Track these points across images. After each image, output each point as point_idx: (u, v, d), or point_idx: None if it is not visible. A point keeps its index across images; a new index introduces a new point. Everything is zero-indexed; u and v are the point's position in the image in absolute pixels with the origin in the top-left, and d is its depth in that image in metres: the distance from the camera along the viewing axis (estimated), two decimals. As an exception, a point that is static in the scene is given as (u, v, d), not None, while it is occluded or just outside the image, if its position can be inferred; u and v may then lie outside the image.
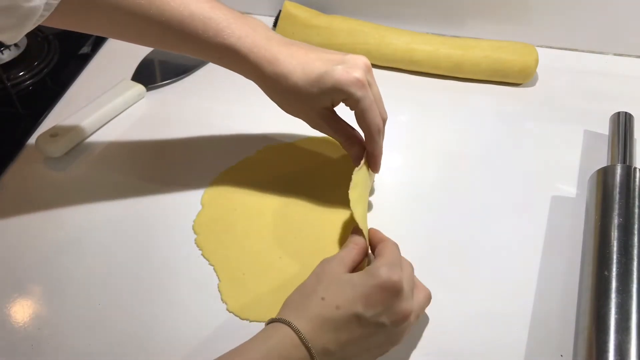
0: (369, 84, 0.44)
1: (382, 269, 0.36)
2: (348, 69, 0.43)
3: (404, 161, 0.55)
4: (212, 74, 0.66)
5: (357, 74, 0.43)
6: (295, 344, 0.35)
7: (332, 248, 0.48)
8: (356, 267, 0.40)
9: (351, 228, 0.49)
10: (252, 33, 0.45)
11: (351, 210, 0.43)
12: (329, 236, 0.49)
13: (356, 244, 0.41)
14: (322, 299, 0.36)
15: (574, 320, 0.42)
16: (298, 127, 0.59)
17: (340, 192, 0.52)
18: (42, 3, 0.39)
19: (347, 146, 0.48)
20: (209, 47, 0.44)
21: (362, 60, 0.45)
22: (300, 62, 0.44)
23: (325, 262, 0.39)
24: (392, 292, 0.36)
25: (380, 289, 0.36)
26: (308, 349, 0.34)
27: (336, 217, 0.50)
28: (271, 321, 0.37)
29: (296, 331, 0.35)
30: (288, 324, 0.35)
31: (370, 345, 0.37)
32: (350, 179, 0.54)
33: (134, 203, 0.52)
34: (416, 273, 0.46)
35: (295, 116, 0.48)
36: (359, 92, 0.43)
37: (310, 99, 0.45)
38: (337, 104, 0.46)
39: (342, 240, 0.49)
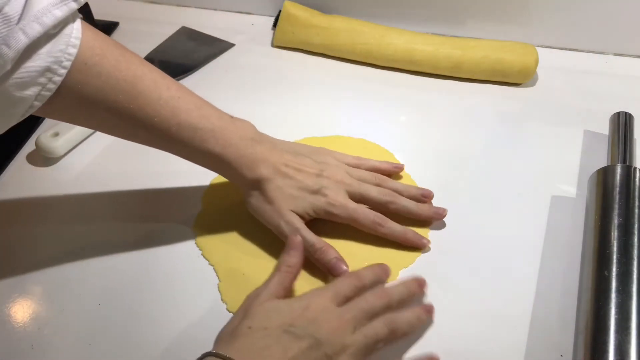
0: (354, 178, 0.48)
1: (304, 294, 0.38)
2: (328, 198, 0.46)
3: (404, 161, 0.55)
4: (212, 74, 0.66)
5: (339, 199, 0.46)
6: None
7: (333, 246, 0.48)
8: (288, 290, 0.40)
9: (353, 228, 0.49)
10: (237, 142, 0.45)
11: None
12: (327, 235, 0.49)
13: (289, 266, 0.41)
14: (249, 327, 0.36)
15: (574, 320, 0.42)
16: (298, 127, 0.59)
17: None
18: (34, 93, 0.37)
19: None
20: (195, 153, 0.45)
21: (340, 177, 0.48)
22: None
23: (252, 297, 0.39)
24: (306, 307, 0.37)
25: (298, 308, 0.37)
26: None
27: (336, 217, 0.50)
28: (203, 356, 0.35)
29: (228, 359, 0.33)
30: (218, 355, 0.34)
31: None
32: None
33: (134, 203, 0.52)
34: (417, 273, 0.46)
35: (269, 223, 0.47)
36: (342, 214, 0.46)
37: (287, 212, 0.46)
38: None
39: (341, 240, 0.49)
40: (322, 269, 0.45)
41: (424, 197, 0.50)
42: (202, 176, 0.54)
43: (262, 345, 0.34)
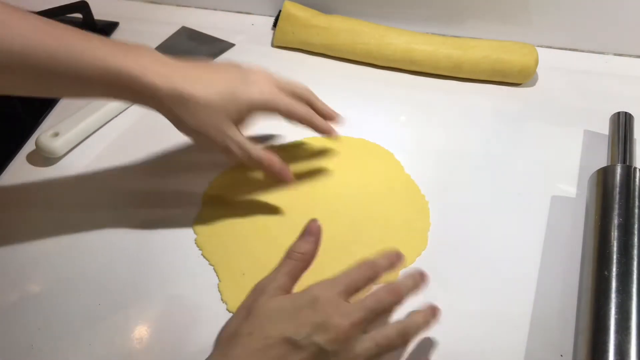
0: (280, 88, 0.47)
1: (312, 287, 0.35)
2: (258, 87, 0.45)
3: (404, 161, 0.55)
4: (212, 74, 0.66)
5: (266, 89, 0.46)
6: None
7: (332, 248, 0.48)
8: (297, 281, 0.38)
9: (354, 229, 0.49)
10: (140, 58, 0.42)
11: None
12: (328, 236, 0.49)
13: (302, 253, 0.38)
14: (250, 334, 0.33)
15: (574, 320, 0.42)
16: (298, 127, 0.59)
17: (340, 191, 0.53)
18: None
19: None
20: (92, 77, 0.40)
21: (262, 75, 0.47)
22: (203, 79, 0.43)
23: (258, 290, 0.36)
24: (313, 305, 0.34)
25: (305, 307, 0.34)
26: None
27: (336, 217, 0.50)
28: None
29: None
30: None
31: None
32: (350, 180, 0.54)
33: (134, 203, 0.52)
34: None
35: (198, 131, 0.44)
36: (280, 104, 0.46)
37: (222, 114, 0.44)
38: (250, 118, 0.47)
39: (342, 240, 0.49)
40: (270, 177, 0.47)
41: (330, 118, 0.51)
42: (202, 176, 0.54)
43: (260, 356, 0.32)
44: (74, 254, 0.48)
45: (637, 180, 0.47)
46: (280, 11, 0.69)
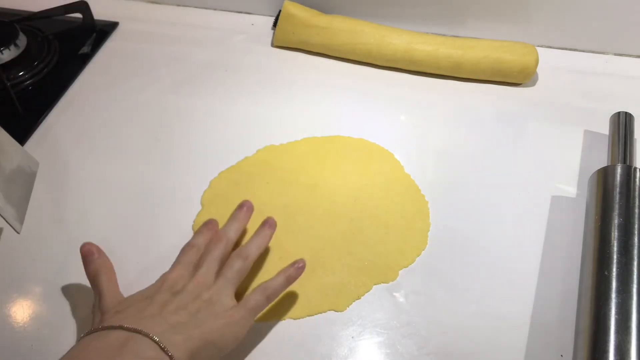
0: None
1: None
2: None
3: (404, 161, 0.55)
4: (211, 74, 0.66)
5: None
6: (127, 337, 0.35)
7: (331, 248, 0.48)
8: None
9: (354, 229, 0.49)
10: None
11: None
12: (328, 236, 0.49)
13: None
14: (117, 312, 0.38)
15: (574, 320, 0.42)
16: (298, 127, 0.59)
17: (340, 191, 0.53)
18: None
19: None
20: None
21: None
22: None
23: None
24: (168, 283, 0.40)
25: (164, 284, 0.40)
26: (137, 331, 0.35)
27: (336, 217, 0.50)
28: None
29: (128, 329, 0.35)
30: (105, 327, 0.36)
31: (198, 306, 0.38)
32: (350, 180, 0.54)
33: (134, 203, 0.52)
34: (417, 273, 0.46)
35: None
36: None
37: None
38: None
39: (342, 240, 0.49)
40: None
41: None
42: (202, 176, 0.54)
43: (148, 302, 0.38)
44: (73, 253, 0.48)
45: (637, 180, 0.47)
46: (280, 11, 0.69)
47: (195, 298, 0.39)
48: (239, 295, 0.43)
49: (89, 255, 0.42)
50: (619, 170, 0.48)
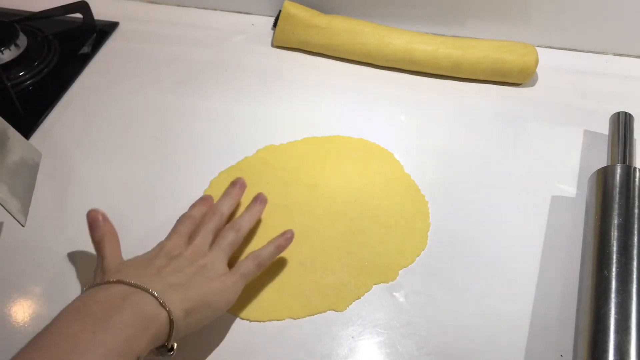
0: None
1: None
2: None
3: (404, 161, 0.55)
4: (211, 74, 0.66)
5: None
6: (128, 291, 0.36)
7: (331, 248, 0.48)
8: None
9: (354, 229, 0.49)
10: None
11: None
12: (329, 236, 0.49)
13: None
14: (119, 271, 0.39)
15: (574, 320, 0.42)
16: (298, 127, 0.59)
17: (340, 191, 0.53)
18: None
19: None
20: None
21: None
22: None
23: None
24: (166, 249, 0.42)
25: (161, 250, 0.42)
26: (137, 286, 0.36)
27: (336, 217, 0.50)
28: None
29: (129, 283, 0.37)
30: (105, 282, 0.37)
31: (194, 270, 0.40)
32: (350, 180, 0.54)
33: (134, 203, 0.52)
34: (417, 273, 0.46)
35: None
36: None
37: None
38: None
39: (342, 240, 0.49)
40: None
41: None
42: (203, 176, 0.54)
43: (147, 265, 0.40)
44: (73, 253, 0.48)
45: (637, 180, 0.47)
46: (280, 11, 0.69)
47: (191, 263, 0.41)
48: (230, 266, 0.43)
49: (95, 221, 0.43)
50: (618, 170, 0.48)
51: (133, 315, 0.34)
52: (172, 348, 0.37)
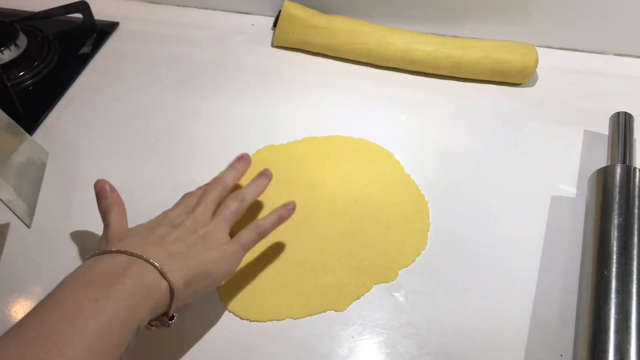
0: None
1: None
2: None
3: (404, 161, 0.55)
4: (211, 74, 0.66)
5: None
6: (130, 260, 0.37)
7: (331, 248, 0.48)
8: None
9: (354, 229, 0.49)
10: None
11: None
12: (329, 236, 0.49)
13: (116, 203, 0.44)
14: (120, 239, 0.40)
15: (574, 320, 0.42)
16: (298, 127, 0.59)
17: (340, 191, 0.53)
18: None
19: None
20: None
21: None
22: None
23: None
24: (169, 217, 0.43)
25: (164, 219, 0.43)
26: (139, 256, 0.37)
27: (336, 217, 0.50)
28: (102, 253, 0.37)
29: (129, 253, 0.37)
30: (107, 251, 0.37)
31: (194, 239, 0.40)
32: (350, 180, 0.54)
33: (134, 203, 0.52)
34: (417, 273, 0.46)
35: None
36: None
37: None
38: None
39: (342, 240, 0.49)
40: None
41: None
42: (203, 175, 0.54)
43: (149, 233, 0.40)
44: (73, 253, 0.48)
45: (637, 180, 0.47)
46: (280, 11, 0.69)
47: (192, 232, 0.41)
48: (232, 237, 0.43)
49: (102, 192, 0.44)
50: (618, 170, 0.48)
51: (134, 286, 0.35)
52: (172, 317, 0.38)
